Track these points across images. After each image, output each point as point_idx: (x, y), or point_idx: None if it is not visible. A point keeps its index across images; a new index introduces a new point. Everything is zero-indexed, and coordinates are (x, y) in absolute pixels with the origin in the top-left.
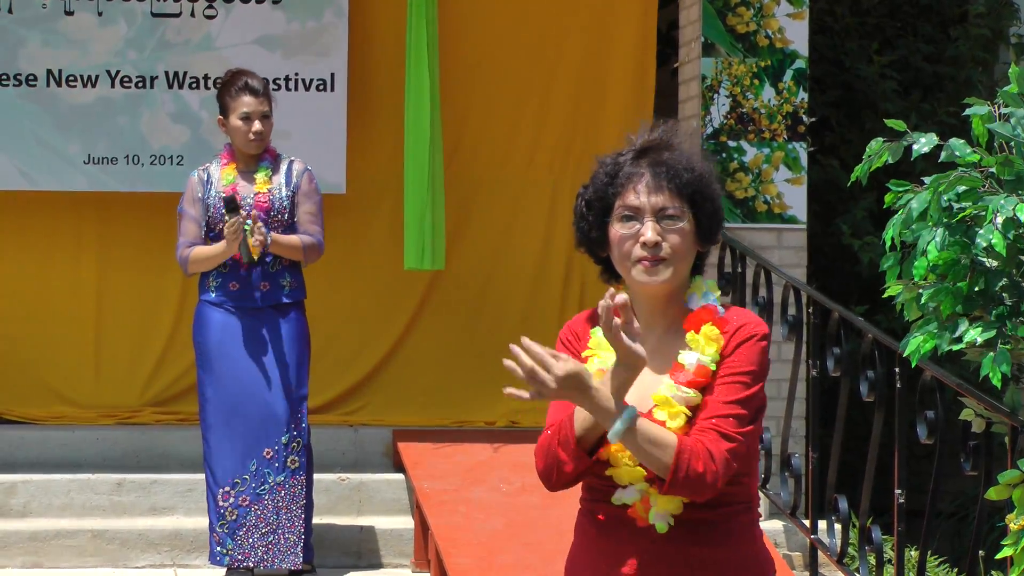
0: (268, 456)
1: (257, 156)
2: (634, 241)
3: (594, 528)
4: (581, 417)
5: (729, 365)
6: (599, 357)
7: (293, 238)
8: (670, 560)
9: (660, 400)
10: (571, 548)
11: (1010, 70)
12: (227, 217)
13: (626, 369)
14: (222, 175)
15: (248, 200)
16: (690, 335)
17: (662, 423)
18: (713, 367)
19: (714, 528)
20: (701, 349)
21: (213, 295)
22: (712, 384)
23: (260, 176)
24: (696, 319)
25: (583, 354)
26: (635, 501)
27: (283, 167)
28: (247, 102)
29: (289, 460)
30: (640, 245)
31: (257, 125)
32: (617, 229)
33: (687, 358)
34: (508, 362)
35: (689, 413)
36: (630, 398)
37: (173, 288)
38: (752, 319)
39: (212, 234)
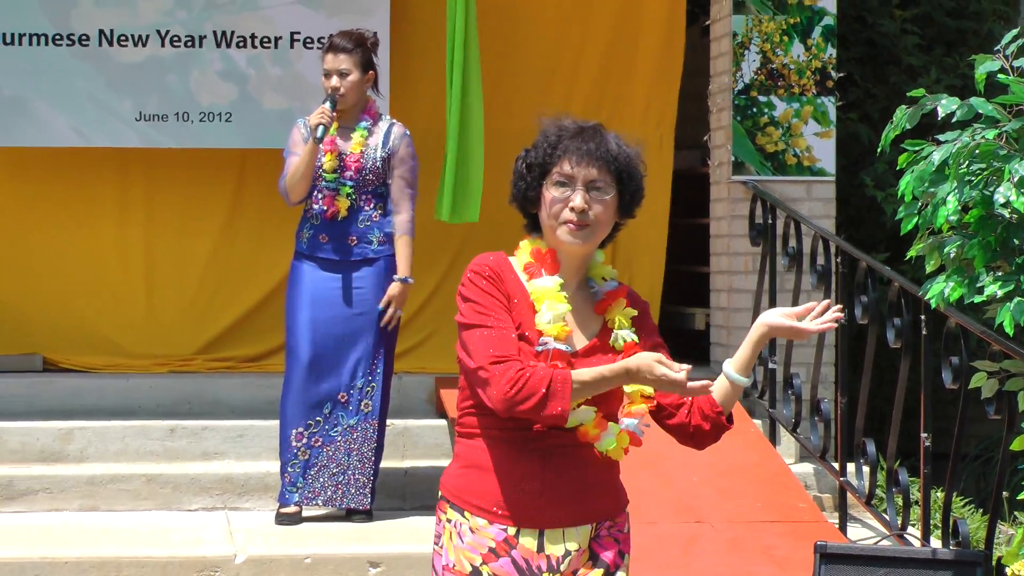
0: (343, 400)
1: (357, 114)
2: (563, 205)
3: (513, 449)
4: (589, 379)
5: (649, 336)
6: (547, 306)
7: (404, 251)
8: (571, 477)
9: (633, 390)
10: (468, 470)
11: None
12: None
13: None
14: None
15: (344, 154)
16: (612, 317)
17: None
18: (636, 339)
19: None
20: (628, 326)
21: (305, 245)
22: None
23: (356, 136)
24: (613, 299)
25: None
26: (586, 423)
27: (382, 128)
28: (327, 59)
29: (363, 404)
30: (569, 209)
31: (334, 81)
32: (551, 192)
33: (624, 335)
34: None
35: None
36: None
37: (220, 239)
38: (634, 292)
39: (313, 185)
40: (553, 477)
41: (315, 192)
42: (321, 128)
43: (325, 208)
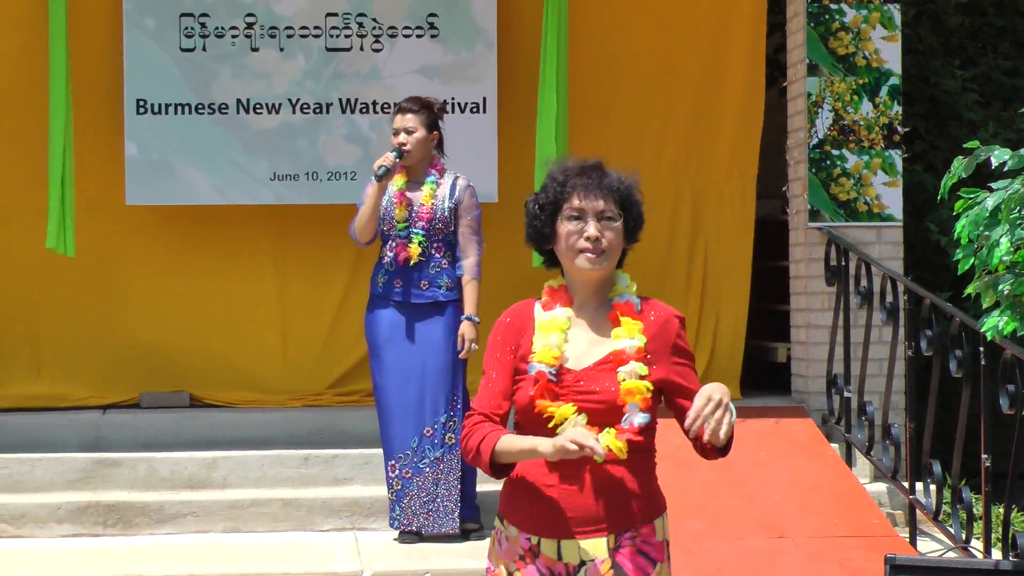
0: (428, 434)
1: (424, 170)
2: (579, 236)
3: (538, 462)
4: (515, 451)
5: (674, 349)
6: (539, 336)
7: (471, 293)
8: (589, 489)
9: (626, 389)
10: (510, 481)
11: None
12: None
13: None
14: (393, 182)
15: (415, 208)
16: (618, 329)
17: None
18: (642, 344)
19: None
20: (630, 335)
21: (380, 289)
22: (662, 365)
23: (426, 189)
24: (620, 312)
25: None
26: None
27: (448, 181)
28: (396, 119)
29: (446, 437)
30: (584, 239)
31: (401, 137)
32: (566, 226)
33: (625, 344)
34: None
35: (649, 386)
36: (575, 355)
37: (347, 286)
38: (667, 308)
39: (386, 235)
40: (570, 489)
41: (389, 241)
42: (383, 169)
43: (398, 255)
